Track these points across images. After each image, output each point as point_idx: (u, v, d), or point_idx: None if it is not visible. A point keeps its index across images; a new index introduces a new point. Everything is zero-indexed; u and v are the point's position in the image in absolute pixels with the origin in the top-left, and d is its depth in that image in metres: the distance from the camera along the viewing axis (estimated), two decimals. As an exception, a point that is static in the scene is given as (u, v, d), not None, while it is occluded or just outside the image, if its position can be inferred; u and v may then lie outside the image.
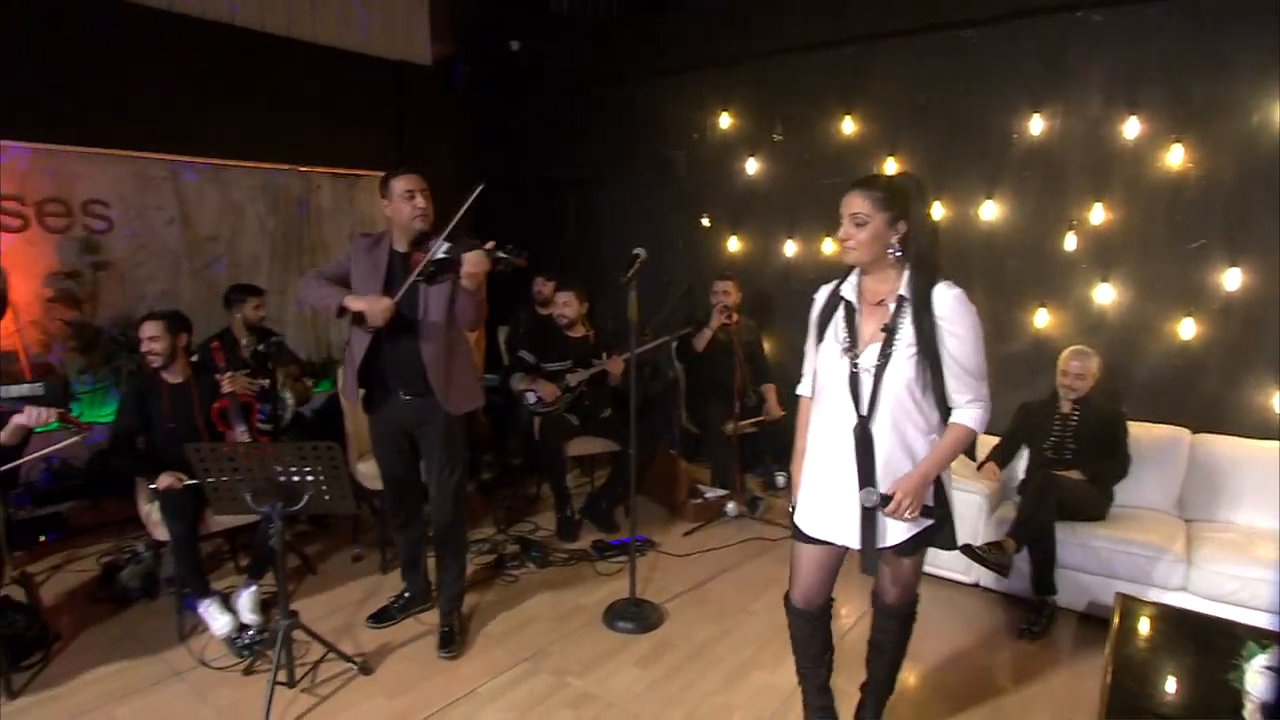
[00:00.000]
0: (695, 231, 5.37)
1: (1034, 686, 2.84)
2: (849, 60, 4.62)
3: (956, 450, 2.06)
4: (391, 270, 2.85)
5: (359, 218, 5.80)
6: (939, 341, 1.99)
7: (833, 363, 2.10)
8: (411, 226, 2.83)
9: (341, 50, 5.40)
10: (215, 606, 3.10)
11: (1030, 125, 4.05)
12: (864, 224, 2.01)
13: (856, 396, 2.03)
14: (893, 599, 2.28)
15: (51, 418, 2.68)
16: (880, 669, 2.39)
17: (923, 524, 2.07)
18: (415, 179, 2.84)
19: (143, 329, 3.22)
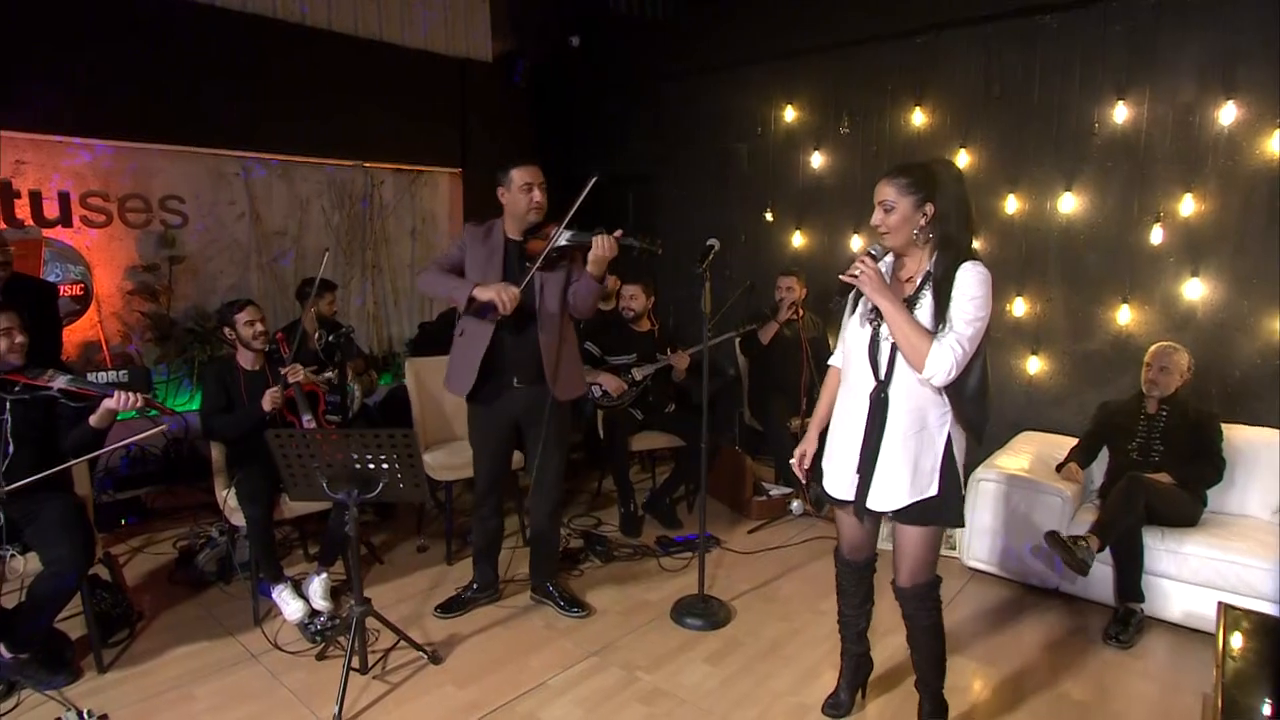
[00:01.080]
0: (758, 226, 5.30)
1: (1124, 698, 2.71)
2: (919, 49, 4.50)
3: (913, 332, 2.02)
4: (507, 258, 2.90)
5: (420, 213, 5.88)
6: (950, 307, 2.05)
7: (856, 332, 2.22)
8: (527, 218, 2.88)
9: (406, 48, 5.48)
10: (288, 592, 3.15)
11: (1114, 113, 3.88)
12: (892, 209, 2.12)
13: (875, 363, 2.14)
14: (903, 578, 2.28)
15: (138, 402, 2.75)
16: (921, 660, 2.37)
17: (921, 494, 2.13)
18: (535, 171, 2.88)
19: (243, 314, 3.30)
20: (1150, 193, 3.84)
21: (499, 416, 3.02)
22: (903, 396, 2.13)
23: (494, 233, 2.96)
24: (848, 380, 2.27)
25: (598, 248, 2.74)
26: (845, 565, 2.48)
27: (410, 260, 5.87)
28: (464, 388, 2.94)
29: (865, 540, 2.43)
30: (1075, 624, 3.21)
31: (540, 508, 3.16)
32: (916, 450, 2.14)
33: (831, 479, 2.31)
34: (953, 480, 2.16)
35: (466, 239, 2.96)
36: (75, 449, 2.87)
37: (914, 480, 2.14)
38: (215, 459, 3.32)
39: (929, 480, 2.14)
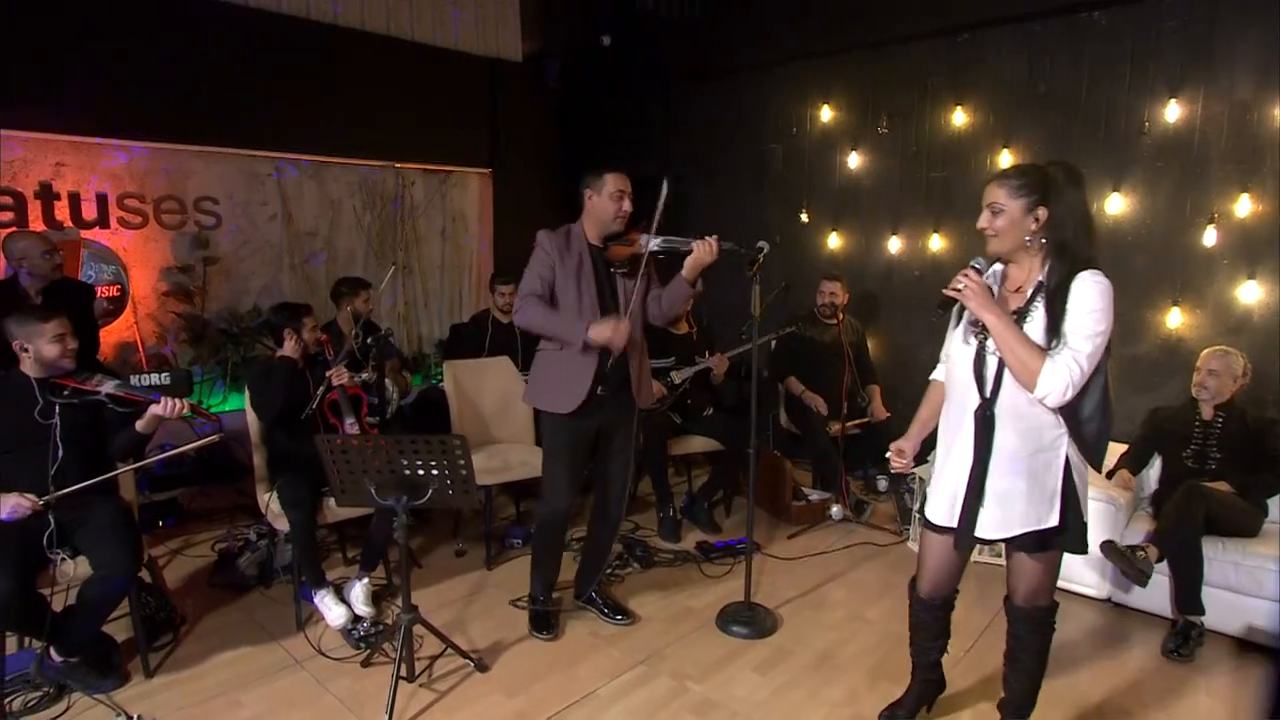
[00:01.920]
0: (793, 227, 5.23)
1: (1190, 718, 2.63)
2: (960, 48, 4.43)
3: (1025, 351, 1.89)
4: (595, 266, 2.86)
5: (450, 213, 5.85)
6: (1065, 321, 1.92)
7: (960, 347, 2.10)
8: (611, 225, 2.84)
9: (437, 48, 5.44)
10: (330, 597, 3.12)
11: (1166, 112, 3.80)
12: (1000, 212, 2.00)
13: (981, 379, 2.03)
14: (1021, 600, 2.19)
15: (184, 409, 2.73)
16: (1018, 681, 2.27)
17: (1038, 524, 2.00)
18: (626, 179, 2.84)
19: (310, 319, 3.34)
20: (1204, 193, 3.75)
21: (585, 428, 2.93)
22: (1012, 416, 1.99)
23: (574, 240, 2.89)
24: (952, 398, 2.16)
25: (700, 252, 2.70)
26: (923, 606, 2.34)
27: (440, 261, 5.85)
28: (571, 404, 2.82)
29: (948, 576, 2.28)
30: (1131, 636, 3.14)
31: (608, 518, 3.10)
32: (1031, 474, 2.00)
33: (933, 503, 2.19)
34: (1075, 507, 2.02)
35: (550, 250, 2.84)
36: (121, 453, 2.87)
37: (1030, 507, 2.00)
38: (257, 464, 3.30)
39: (1049, 508, 2.00)
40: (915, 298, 4.76)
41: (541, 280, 2.82)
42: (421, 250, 5.69)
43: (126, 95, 4.22)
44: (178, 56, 4.39)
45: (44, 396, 2.68)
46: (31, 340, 2.63)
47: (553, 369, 2.89)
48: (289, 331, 3.31)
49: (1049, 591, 2.17)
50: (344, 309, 4.27)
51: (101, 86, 4.14)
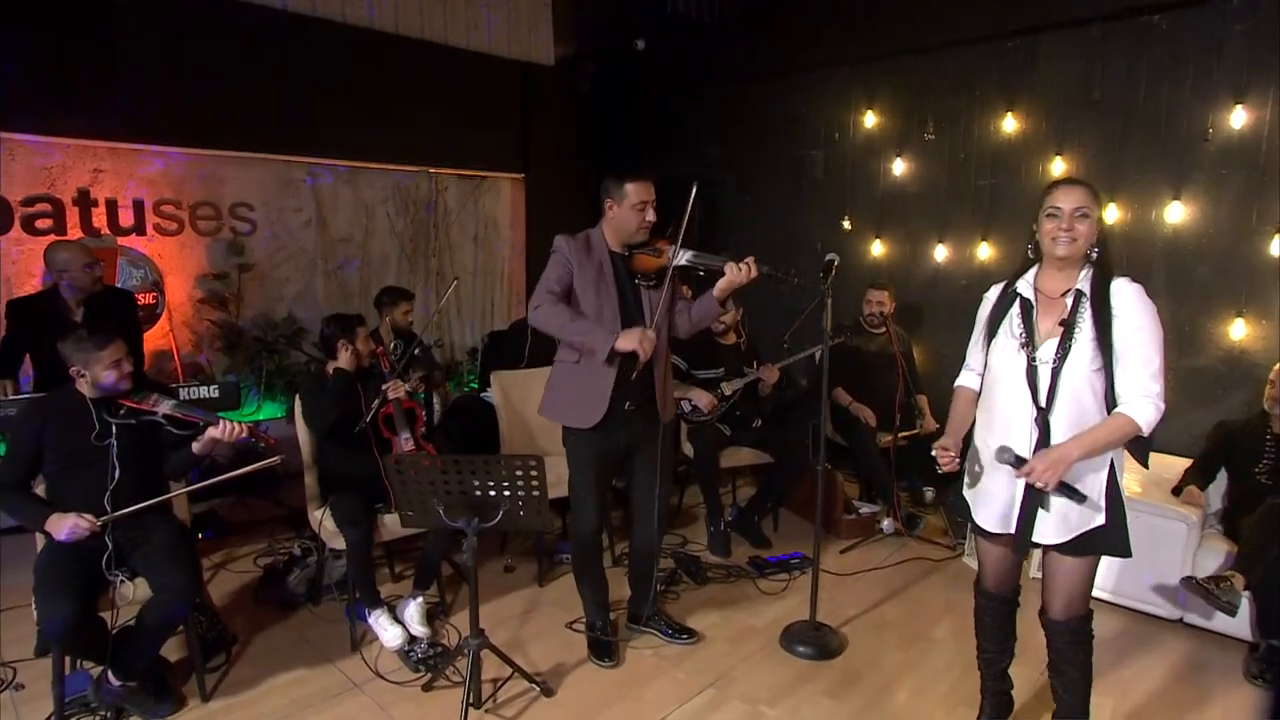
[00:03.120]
0: (835, 234, 5.15)
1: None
2: (1011, 53, 4.34)
3: (1111, 439, 1.98)
4: (617, 274, 2.76)
5: (483, 219, 5.78)
6: (1116, 336, 1.98)
7: (1008, 357, 2.11)
8: (635, 236, 2.74)
9: (471, 51, 5.37)
10: (385, 617, 3.04)
11: (1231, 118, 3.71)
12: (1086, 217, 2.02)
13: (1035, 389, 2.05)
14: (1057, 611, 2.16)
15: (243, 433, 2.66)
16: (1067, 692, 2.23)
17: (1088, 524, 2.03)
18: (650, 188, 2.73)
19: (360, 331, 3.26)
20: (1271, 202, 3.66)
21: (611, 445, 2.83)
22: (1067, 422, 2.02)
23: (594, 246, 2.79)
24: (996, 406, 2.14)
25: (733, 275, 2.61)
26: (989, 598, 2.37)
27: (474, 268, 5.78)
28: (590, 419, 2.72)
29: (1012, 572, 2.32)
30: (1209, 659, 3.05)
31: (649, 535, 3.01)
32: (1080, 476, 2.03)
33: (984, 511, 2.18)
34: (1119, 507, 2.07)
35: (569, 255, 2.73)
36: (176, 473, 2.80)
37: (1082, 509, 2.03)
38: (308, 481, 3.22)
39: (1096, 509, 2.04)
40: (962, 307, 4.63)
41: (560, 281, 2.69)
42: (454, 256, 5.62)
43: (164, 101, 4.16)
44: (214, 62, 4.32)
45: (100, 417, 2.61)
46: (89, 367, 2.55)
47: (570, 382, 2.78)
48: (343, 343, 3.23)
49: (1086, 599, 2.17)
50: (385, 319, 4.20)
51: (140, 93, 4.08)
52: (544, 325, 2.70)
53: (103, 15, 3.92)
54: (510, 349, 4.79)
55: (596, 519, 2.90)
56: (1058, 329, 2.04)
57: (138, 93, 4.07)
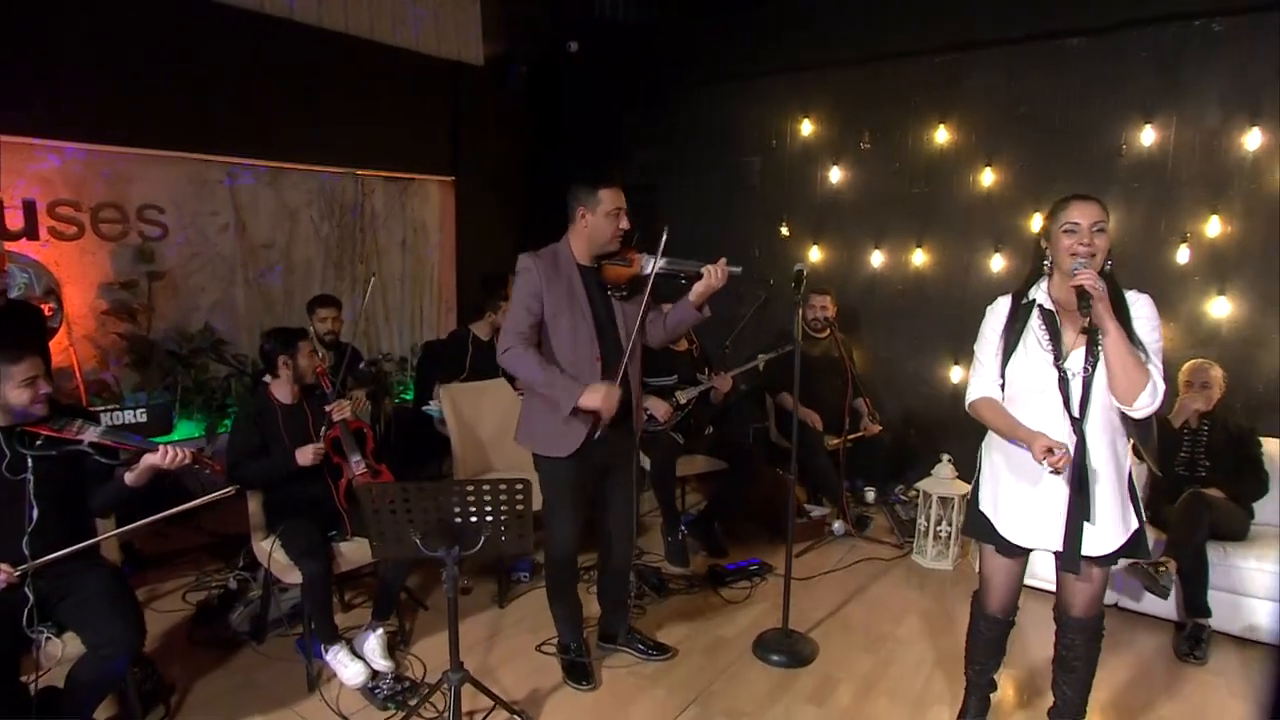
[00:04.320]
0: (773, 240, 5.23)
1: (1218, 715, 2.75)
2: (943, 67, 4.53)
3: (1132, 363, 1.99)
4: (588, 289, 2.66)
5: (411, 223, 5.54)
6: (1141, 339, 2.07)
7: (1036, 369, 2.14)
8: (607, 246, 2.65)
9: (398, 49, 5.13)
10: (344, 653, 2.85)
11: (1141, 136, 4.00)
12: (1104, 230, 2.09)
13: (1068, 399, 2.08)
14: (1080, 611, 2.25)
15: (186, 459, 2.41)
16: (1071, 688, 2.33)
17: (1129, 531, 2.12)
18: (622, 194, 2.65)
19: (303, 345, 3.00)
20: (1177, 214, 3.97)
21: (589, 467, 2.74)
22: (1099, 430, 2.08)
23: (561, 260, 2.69)
24: (1028, 419, 2.14)
25: (711, 278, 2.58)
26: (992, 623, 2.38)
27: (402, 274, 5.52)
28: (570, 446, 2.63)
29: (1015, 591, 2.36)
30: (1143, 641, 3.26)
31: (625, 551, 2.96)
32: (1118, 483, 2.12)
33: (1017, 528, 2.20)
34: (1140, 513, 2.17)
35: (538, 276, 2.62)
36: (105, 509, 2.52)
37: (1124, 516, 2.12)
38: (253, 511, 2.97)
39: (1129, 512, 2.13)
40: (898, 311, 4.85)
41: (530, 314, 2.60)
42: (382, 262, 5.35)
43: (60, 91, 3.75)
44: (118, 49, 3.94)
45: (13, 448, 2.31)
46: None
47: (545, 410, 2.66)
48: (284, 360, 3.00)
49: (1102, 599, 2.27)
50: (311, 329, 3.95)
51: (32, 80, 3.66)
52: (512, 371, 2.65)
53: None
54: (450, 360, 4.61)
55: (574, 541, 2.81)
56: (1080, 338, 2.09)
57: (28, 80, 3.64)
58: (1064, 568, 2.16)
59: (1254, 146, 3.76)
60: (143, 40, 4.01)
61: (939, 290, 4.69)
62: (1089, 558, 2.13)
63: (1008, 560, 2.29)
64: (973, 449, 4.09)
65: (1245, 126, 3.77)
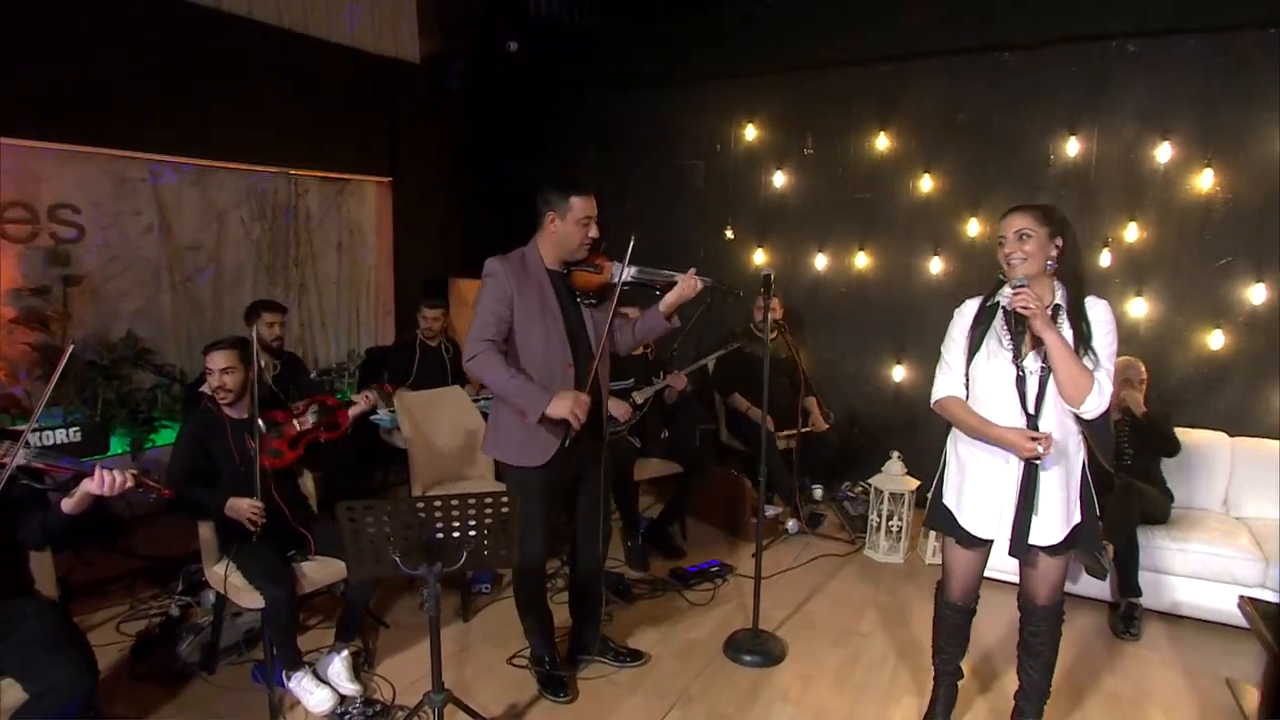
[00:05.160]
0: (718, 243, 5.29)
1: (1159, 689, 2.96)
2: (883, 77, 4.69)
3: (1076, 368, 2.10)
4: (559, 296, 2.63)
5: (347, 225, 5.33)
6: (1095, 345, 2.19)
7: (996, 368, 2.26)
8: (576, 253, 2.63)
9: (333, 44, 4.92)
10: (309, 679, 2.71)
11: (1067, 147, 4.26)
12: (1028, 237, 2.20)
13: (1024, 396, 2.21)
14: (1043, 599, 2.39)
15: (128, 483, 2.24)
16: (1037, 671, 2.46)
17: (1070, 524, 2.25)
18: (594, 202, 2.62)
19: (211, 360, 2.77)
20: (1099, 220, 4.24)
21: (559, 476, 2.71)
22: (1053, 428, 2.20)
23: (530, 265, 2.66)
24: (987, 415, 2.26)
25: (684, 288, 2.60)
26: (955, 610, 2.50)
27: (338, 277, 5.30)
28: (543, 456, 2.59)
29: (977, 583, 2.49)
30: (1083, 620, 3.46)
31: (595, 559, 2.93)
32: (1066, 478, 2.24)
33: (974, 519, 2.33)
34: (1090, 505, 2.29)
35: (507, 281, 2.58)
36: (38, 541, 2.32)
37: (1067, 510, 2.25)
38: (205, 535, 2.79)
39: (1074, 508, 2.26)
40: (841, 313, 5.00)
41: (498, 320, 2.55)
42: (317, 266, 5.13)
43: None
44: (28, 38, 3.62)
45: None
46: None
47: (516, 419, 2.61)
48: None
49: (1062, 588, 2.41)
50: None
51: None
52: (480, 378, 2.59)
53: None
54: (396, 366, 4.47)
55: (545, 550, 2.78)
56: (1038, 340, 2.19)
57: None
58: (1011, 554, 2.29)
59: (1165, 159, 4.06)
60: (53, 26, 3.71)
61: (881, 292, 4.86)
62: (1037, 547, 2.27)
63: (968, 551, 2.42)
64: (917, 445, 4.29)
65: (1158, 141, 4.06)
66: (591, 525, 2.87)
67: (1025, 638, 2.45)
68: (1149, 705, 2.86)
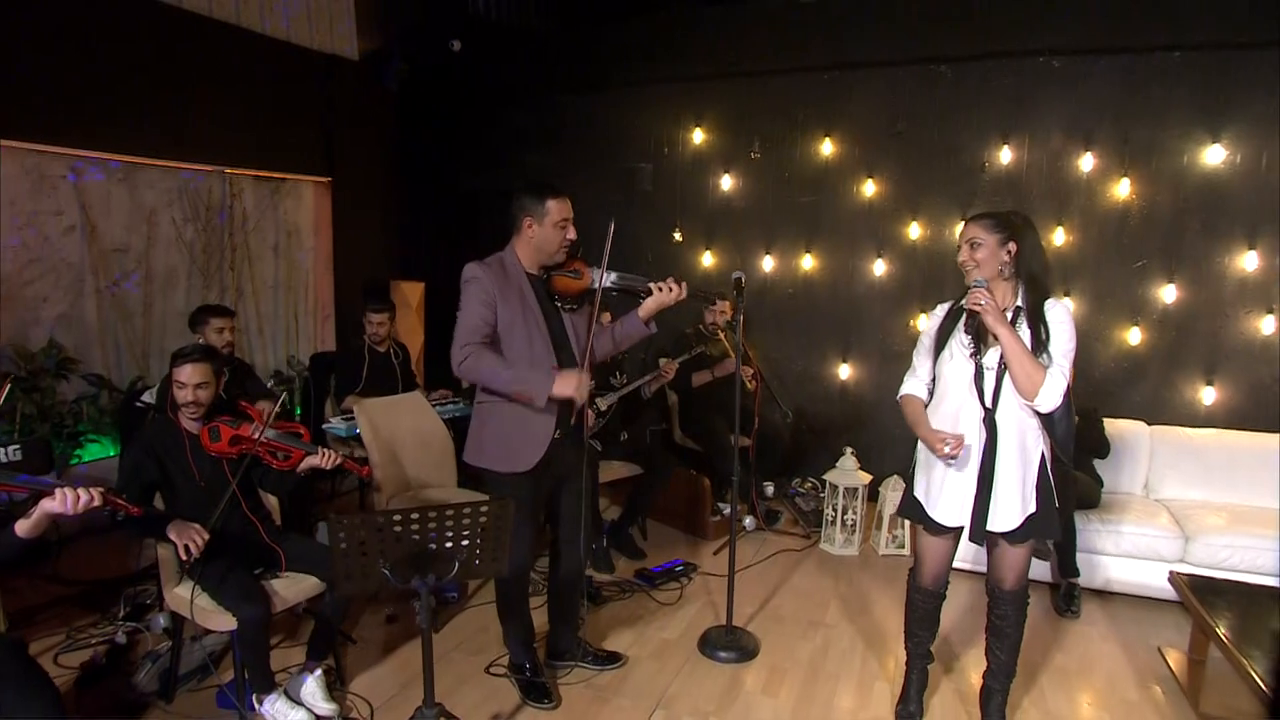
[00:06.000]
0: (666, 246, 5.34)
1: (1101, 660, 3.19)
2: (828, 84, 4.85)
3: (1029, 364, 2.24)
4: (540, 301, 2.62)
5: (284, 227, 5.11)
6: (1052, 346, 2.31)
7: (959, 366, 2.41)
8: (555, 257, 2.64)
9: (268, 38, 4.71)
10: (283, 701, 2.60)
11: (1000, 155, 4.51)
12: (979, 246, 2.35)
13: (981, 391, 2.35)
14: (1009, 585, 2.52)
15: (94, 501, 2.10)
16: (1004, 652, 2.60)
17: (1026, 513, 2.38)
18: (570, 206, 2.64)
19: (181, 373, 2.61)
20: (1029, 225, 4.50)
21: (546, 481, 2.72)
22: (1008, 421, 2.34)
23: (510, 271, 2.65)
24: (947, 412, 2.43)
25: (664, 296, 2.63)
26: (926, 594, 2.63)
27: (274, 281, 5.08)
28: (531, 460, 2.59)
29: (946, 567, 2.61)
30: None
31: (576, 563, 2.93)
32: (1023, 470, 2.38)
33: (942, 508, 2.46)
34: (1048, 495, 2.43)
35: (489, 286, 2.56)
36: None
37: (1024, 499, 2.38)
38: (164, 555, 2.63)
39: (1031, 497, 2.39)
40: (788, 314, 5.13)
41: (484, 323, 2.54)
42: (254, 269, 4.90)
43: None
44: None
45: None
46: None
47: (503, 423, 2.61)
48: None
49: (1027, 573, 2.55)
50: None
51: None
52: (473, 377, 2.56)
53: None
54: (344, 373, 4.33)
55: (531, 558, 2.75)
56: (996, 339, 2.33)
57: None
58: (970, 539, 2.43)
59: (1088, 169, 4.36)
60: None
61: (826, 293, 5.02)
62: (995, 533, 2.42)
63: (937, 539, 2.55)
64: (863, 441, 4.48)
65: (1081, 151, 4.36)
66: (574, 528, 2.88)
67: (993, 621, 2.58)
68: (1094, 676, 3.08)
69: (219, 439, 2.68)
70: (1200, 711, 2.82)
